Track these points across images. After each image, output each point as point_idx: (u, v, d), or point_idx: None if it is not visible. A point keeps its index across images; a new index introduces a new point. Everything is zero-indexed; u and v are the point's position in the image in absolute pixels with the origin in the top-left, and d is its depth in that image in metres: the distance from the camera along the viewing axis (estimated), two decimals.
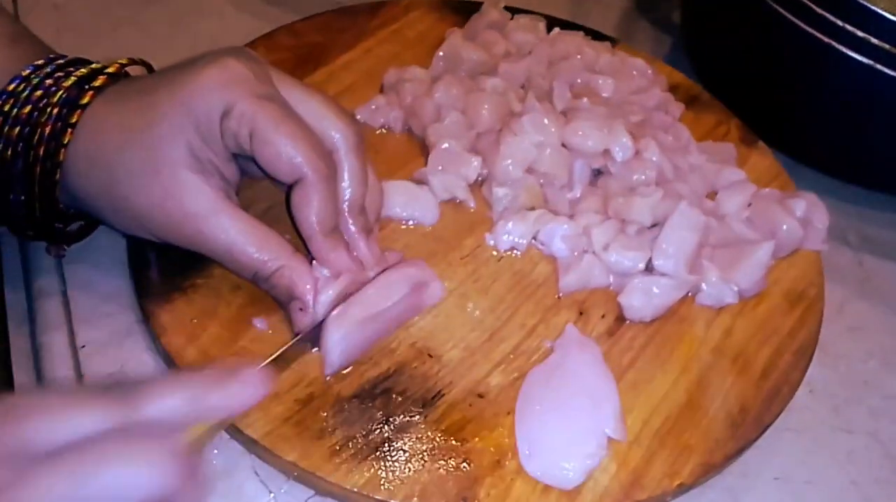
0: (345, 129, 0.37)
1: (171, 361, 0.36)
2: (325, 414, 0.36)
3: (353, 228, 0.38)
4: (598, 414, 0.37)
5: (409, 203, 0.43)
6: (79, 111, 0.35)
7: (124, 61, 0.38)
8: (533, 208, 0.44)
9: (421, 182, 0.45)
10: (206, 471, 0.25)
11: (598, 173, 0.47)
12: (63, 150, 0.35)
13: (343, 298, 0.37)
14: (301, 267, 0.36)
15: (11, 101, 0.35)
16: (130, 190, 0.35)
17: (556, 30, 0.53)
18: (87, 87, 0.36)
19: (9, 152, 0.36)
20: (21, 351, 0.40)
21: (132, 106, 0.35)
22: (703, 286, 0.42)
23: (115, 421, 0.24)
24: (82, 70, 0.36)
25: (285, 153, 0.34)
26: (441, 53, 0.50)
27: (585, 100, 0.47)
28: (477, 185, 0.46)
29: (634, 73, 0.52)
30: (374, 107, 0.48)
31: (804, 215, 0.45)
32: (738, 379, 0.40)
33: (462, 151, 0.45)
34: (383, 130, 0.48)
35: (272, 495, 0.35)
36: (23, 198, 0.36)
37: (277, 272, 0.36)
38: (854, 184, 0.55)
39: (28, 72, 0.36)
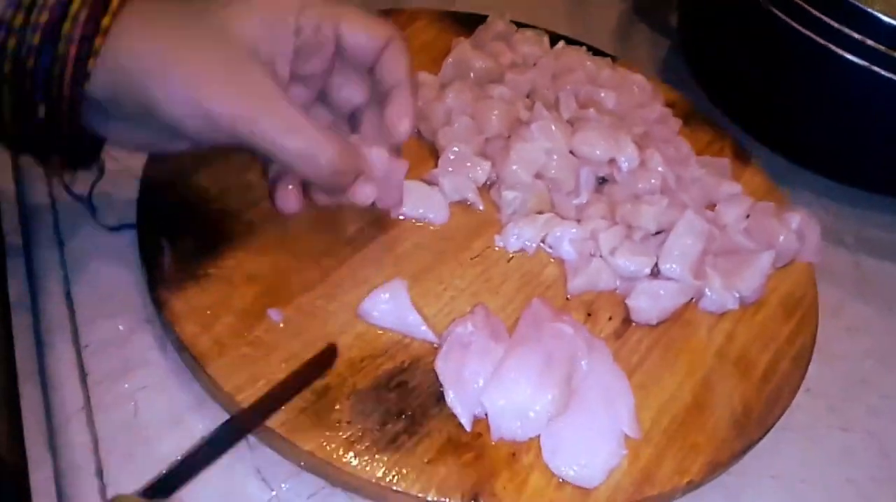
0: (386, 26, 0.38)
1: (184, 349, 0.36)
2: (341, 406, 0.35)
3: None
4: (616, 412, 0.37)
5: (420, 202, 0.44)
6: None
7: None
8: (541, 212, 0.45)
9: (431, 183, 0.45)
10: None
11: (602, 181, 0.48)
12: (109, 16, 0.32)
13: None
14: (352, 147, 0.36)
15: (22, 13, 0.31)
16: (190, 60, 0.32)
17: (561, 43, 0.54)
18: None
19: (36, 38, 0.31)
20: (25, 350, 0.40)
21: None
22: (707, 292, 0.43)
23: None
24: None
25: (374, 25, 0.37)
26: (450, 60, 0.51)
27: (592, 110, 0.48)
28: (485, 188, 0.46)
29: (635, 88, 0.53)
30: None
31: (798, 228, 0.47)
32: (740, 382, 0.41)
33: (472, 155, 0.46)
34: None
35: (273, 493, 0.35)
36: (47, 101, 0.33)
37: (340, 159, 0.35)
38: (851, 186, 0.56)
39: None
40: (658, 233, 0.45)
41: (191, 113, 0.32)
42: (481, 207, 0.46)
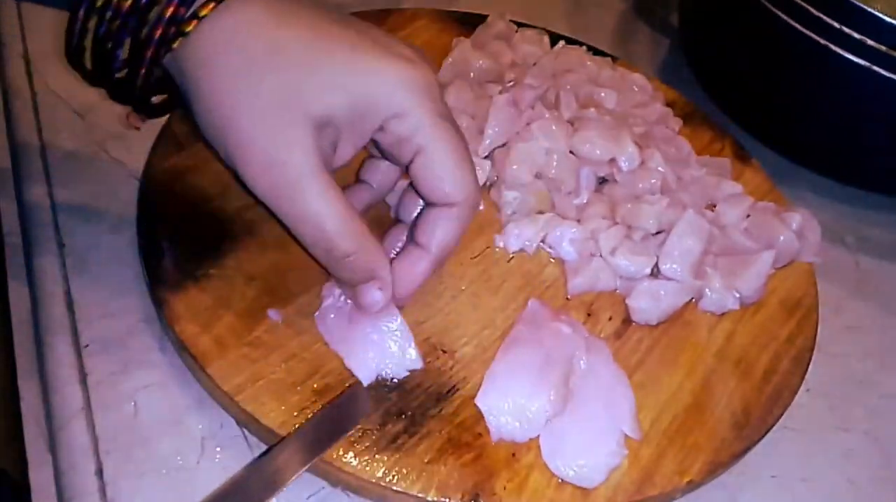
0: (472, 187, 0.35)
1: (184, 349, 0.36)
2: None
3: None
4: (616, 412, 0.37)
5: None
6: (213, 3, 0.31)
7: None
8: (541, 212, 0.45)
9: None
10: None
11: (602, 181, 0.48)
12: (195, 22, 0.31)
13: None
14: (380, 250, 0.35)
15: None
16: (244, 116, 0.31)
17: (562, 43, 0.54)
18: None
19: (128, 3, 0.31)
20: (25, 351, 0.40)
21: (298, 31, 0.32)
22: (707, 292, 0.43)
23: None
24: None
25: (449, 181, 0.34)
26: (450, 60, 0.51)
27: (592, 110, 0.48)
28: (486, 188, 0.46)
29: (635, 88, 0.53)
30: None
31: (799, 228, 0.47)
32: (740, 382, 0.41)
33: (472, 155, 0.46)
34: None
35: None
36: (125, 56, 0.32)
37: (359, 254, 0.34)
38: (851, 186, 0.56)
39: None
40: (658, 232, 0.45)
41: (221, 155, 0.33)
42: (481, 207, 0.46)
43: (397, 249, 0.39)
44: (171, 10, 0.31)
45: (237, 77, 0.31)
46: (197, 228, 0.40)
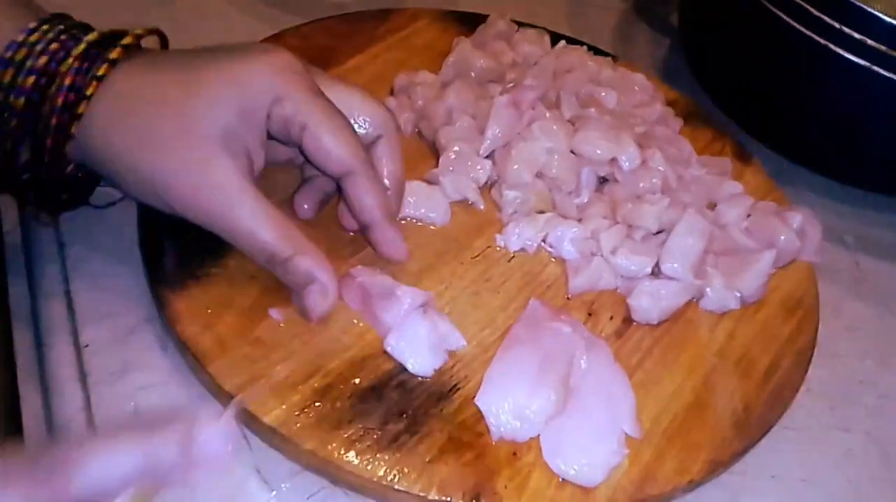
0: (385, 116, 0.39)
1: (185, 349, 0.36)
2: (342, 405, 0.35)
3: (397, 204, 0.40)
4: (616, 411, 0.37)
5: (421, 202, 0.44)
6: (95, 83, 0.34)
7: (140, 31, 0.37)
8: (542, 211, 0.45)
9: (432, 183, 0.45)
10: None
11: (603, 180, 0.48)
12: (84, 102, 0.34)
13: None
14: (319, 253, 0.36)
15: (11, 70, 0.34)
16: (155, 154, 0.34)
17: (562, 43, 0.54)
18: (104, 58, 0.34)
19: (20, 101, 0.34)
20: (25, 350, 0.39)
21: (170, 75, 0.35)
22: (708, 291, 0.43)
23: None
24: (92, 35, 0.35)
25: (337, 148, 0.36)
26: (451, 59, 0.51)
27: (593, 109, 0.48)
28: (486, 188, 0.46)
29: (636, 87, 0.53)
30: None
31: (799, 227, 0.47)
32: (741, 382, 0.41)
33: (473, 154, 0.46)
34: None
35: (273, 493, 0.35)
36: (27, 156, 0.35)
37: (294, 258, 0.35)
38: (851, 186, 0.56)
39: (24, 35, 0.34)
40: (659, 232, 0.45)
41: (157, 204, 0.36)
42: (482, 207, 0.46)
43: None
44: (60, 99, 0.34)
45: (138, 133, 0.34)
46: (198, 227, 0.40)
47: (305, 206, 0.42)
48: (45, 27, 0.34)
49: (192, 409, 0.26)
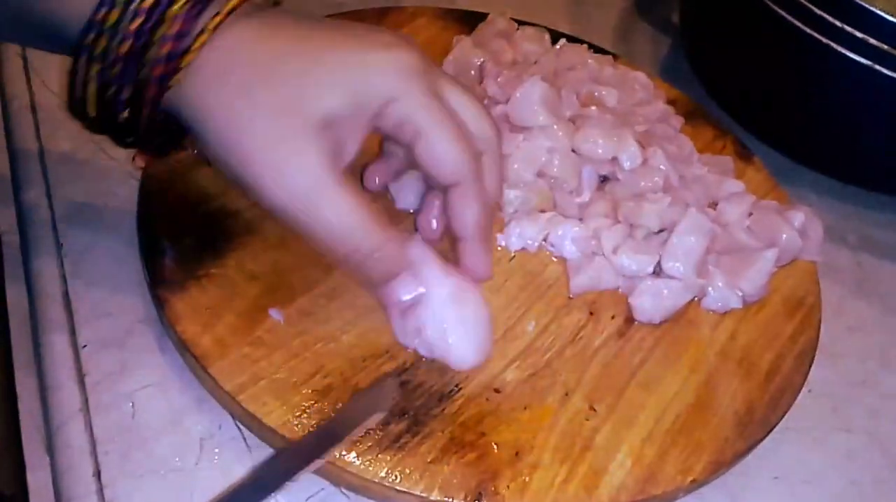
0: (494, 133, 0.37)
1: (185, 349, 0.36)
2: (344, 405, 0.35)
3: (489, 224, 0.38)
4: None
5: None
6: (204, 35, 0.32)
7: None
8: (543, 211, 0.45)
9: None
10: None
11: (604, 179, 0.47)
12: (188, 56, 0.32)
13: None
14: (402, 244, 0.35)
15: (117, 11, 0.31)
16: (255, 122, 0.32)
17: (563, 41, 0.54)
18: (218, 6, 0.32)
19: (128, 43, 0.32)
20: (22, 351, 0.39)
21: (288, 44, 0.33)
22: (710, 290, 0.43)
23: None
24: None
25: (451, 156, 0.34)
26: (451, 58, 0.51)
27: (594, 108, 0.48)
28: None
29: (637, 86, 0.53)
30: None
31: (801, 227, 0.47)
32: (743, 381, 0.41)
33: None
34: None
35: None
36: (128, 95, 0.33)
37: (382, 249, 0.34)
38: (853, 185, 0.56)
39: None
40: (661, 231, 0.44)
41: (235, 181, 0.33)
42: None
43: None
44: (167, 47, 0.32)
45: (236, 98, 0.32)
46: (198, 227, 0.40)
47: (377, 180, 0.41)
48: None
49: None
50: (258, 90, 0.32)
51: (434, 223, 0.40)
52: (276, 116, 0.32)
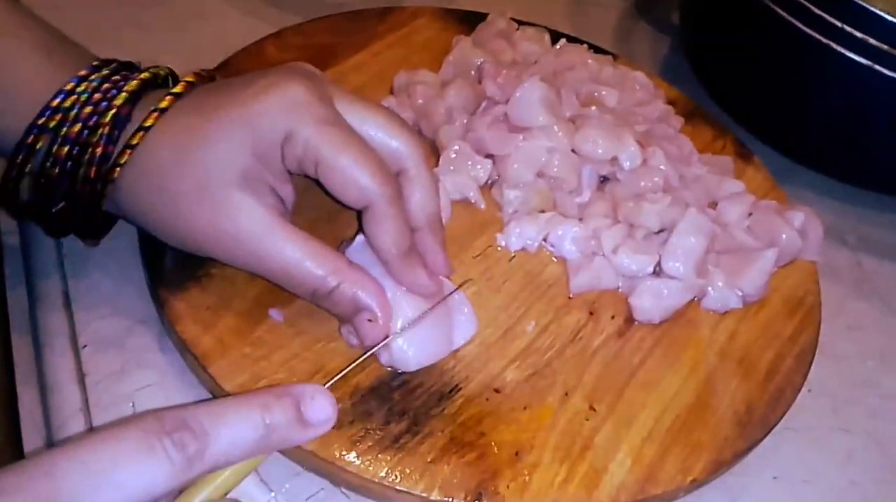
0: (413, 144, 0.36)
1: (185, 349, 0.36)
2: (343, 405, 0.35)
3: (432, 241, 0.37)
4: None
5: None
6: (141, 133, 0.34)
7: (191, 79, 0.36)
8: (543, 211, 0.45)
9: None
10: None
11: (604, 179, 0.48)
12: (118, 170, 0.34)
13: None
14: (364, 278, 0.35)
15: (59, 116, 0.34)
16: (182, 208, 0.34)
17: (563, 41, 0.54)
18: (152, 108, 0.34)
19: (56, 170, 0.34)
20: (23, 351, 0.39)
21: (186, 123, 0.34)
22: (710, 290, 0.43)
23: (183, 472, 0.24)
24: (133, 84, 0.35)
25: (353, 181, 0.33)
26: (451, 58, 0.51)
27: (594, 108, 0.48)
28: (487, 187, 0.46)
29: (637, 86, 0.53)
30: None
31: (801, 227, 0.47)
32: (743, 381, 0.41)
33: (473, 153, 0.46)
34: None
35: (273, 494, 0.35)
36: (62, 204, 0.36)
37: (339, 287, 0.34)
38: (853, 185, 0.56)
39: (72, 84, 0.34)
40: (660, 231, 0.44)
41: (193, 251, 0.35)
42: (483, 206, 0.45)
43: None
44: (100, 149, 0.34)
45: (159, 187, 0.34)
46: None
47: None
48: (93, 76, 0.35)
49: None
50: (176, 175, 0.34)
51: None
52: (201, 193, 0.33)
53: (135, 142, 0.34)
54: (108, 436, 0.24)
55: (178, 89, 0.35)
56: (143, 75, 0.36)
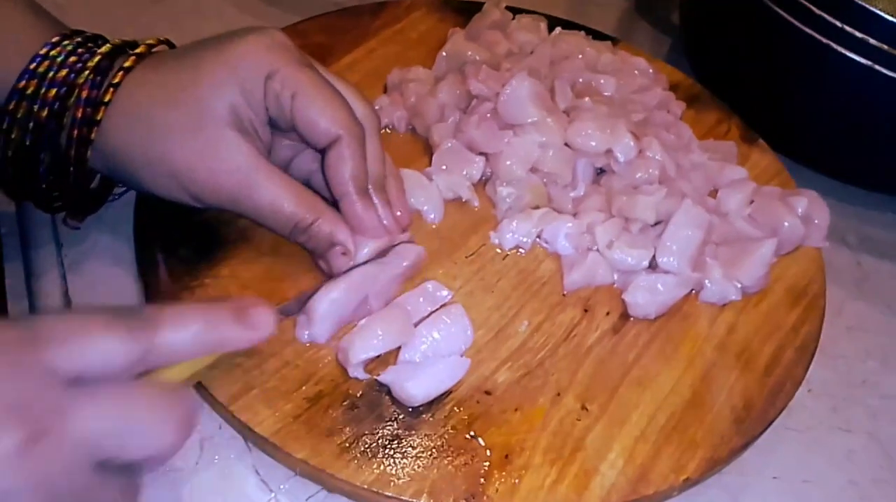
0: (369, 113, 0.39)
1: None
2: (335, 412, 0.36)
3: (377, 200, 0.39)
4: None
5: (416, 191, 0.43)
6: (111, 90, 0.36)
7: (152, 41, 0.39)
8: (537, 207, 0.45)
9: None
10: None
11: (600, 171, 0.47)
12: (103, 109, 0.36)
13: (378, 254, 0.39)
14: (337, 216, 0.38)
15: (35, 81, 0.36)
16: (171, 145, 0.36)
17: (558, 29, 0.53)
18: (131, 52, 0.37)
19: (44, 112, 0.36)
20: None
21: (174, 67, 0.37)
22: (707, 283, 0.42)
23: (136, 351, 0.27)
24: (106, 46, 0.37)
25: (325, 113, 0.36)
26: (444, 53, 0.50)
27: (588, 99, 0.47)
28: (481, 184, 0.46)
29: (636, 72, 0.52)
30: (378, 107, 0.48)
31: (805, 212, 0.46)
32: (741, 376, 0.40)
33: (466, 151, 0.45)
34: (387, 130, 0.48)
35: (273, 494, 0.35)
36: (50, 161, 0.37)
37: (316, 222, 0.37)
38: (853, 185, 0.55)
39: (46, 49, 0.36)
40: (657, 223, 0.44)
41: (180, 196, 0.37)
42: (476, 205, 0.45)
43: None
44: (80, 111, 0.36)
45: (150, 127, 0.36)
46: (192, 237, 0.41)
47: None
48: (66, 42, 0.36)
49: None
50: (167, 113, 0.36)
51: None
52: (191, 127, 0.36)
53: (116, 80, 0.36)
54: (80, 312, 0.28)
55: (151, 40, 0.38)
56: (115, 40, 0.38)
